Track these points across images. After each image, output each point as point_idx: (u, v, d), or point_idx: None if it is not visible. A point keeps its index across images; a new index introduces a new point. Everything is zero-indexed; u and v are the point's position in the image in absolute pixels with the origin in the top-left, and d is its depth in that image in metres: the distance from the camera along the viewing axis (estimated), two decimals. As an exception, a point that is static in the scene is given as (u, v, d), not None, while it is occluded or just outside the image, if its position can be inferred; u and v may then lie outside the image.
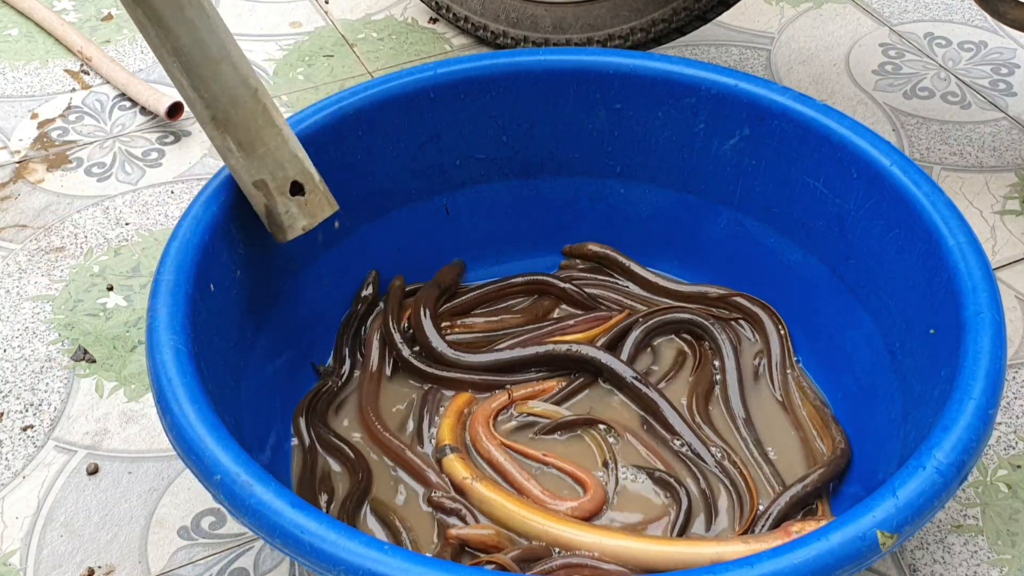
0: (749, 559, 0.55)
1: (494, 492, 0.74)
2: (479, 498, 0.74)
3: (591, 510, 0.74)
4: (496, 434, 0.80)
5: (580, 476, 0.77)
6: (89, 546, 0.78)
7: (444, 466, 0.77)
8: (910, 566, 0.77)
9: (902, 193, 0.76)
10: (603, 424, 0.81)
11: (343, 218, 0.86)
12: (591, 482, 0.76)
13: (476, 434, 0.80)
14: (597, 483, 0.76)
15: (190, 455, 0.61)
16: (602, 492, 0.76)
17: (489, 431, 0.80)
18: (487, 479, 0.76)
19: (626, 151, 0.90)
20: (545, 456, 0.78)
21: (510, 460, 0.78)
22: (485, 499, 0.74)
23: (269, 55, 1.27)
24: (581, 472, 0.77)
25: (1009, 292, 0.97)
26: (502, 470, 0.77)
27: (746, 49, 1.28)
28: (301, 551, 0.56)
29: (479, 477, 0.75)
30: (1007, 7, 1.00)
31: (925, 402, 0.69)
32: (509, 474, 0.77)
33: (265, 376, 0.79)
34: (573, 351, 0.84)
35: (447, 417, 0.81)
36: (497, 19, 1.24)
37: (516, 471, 0.77)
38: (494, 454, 0.78)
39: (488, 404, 0.82)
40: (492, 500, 0.74)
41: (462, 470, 0.76)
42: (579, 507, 0.74)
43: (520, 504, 0.73)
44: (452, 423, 0.80)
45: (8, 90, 1.21)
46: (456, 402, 0.82)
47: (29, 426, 0.86)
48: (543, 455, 0.78)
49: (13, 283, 0.98)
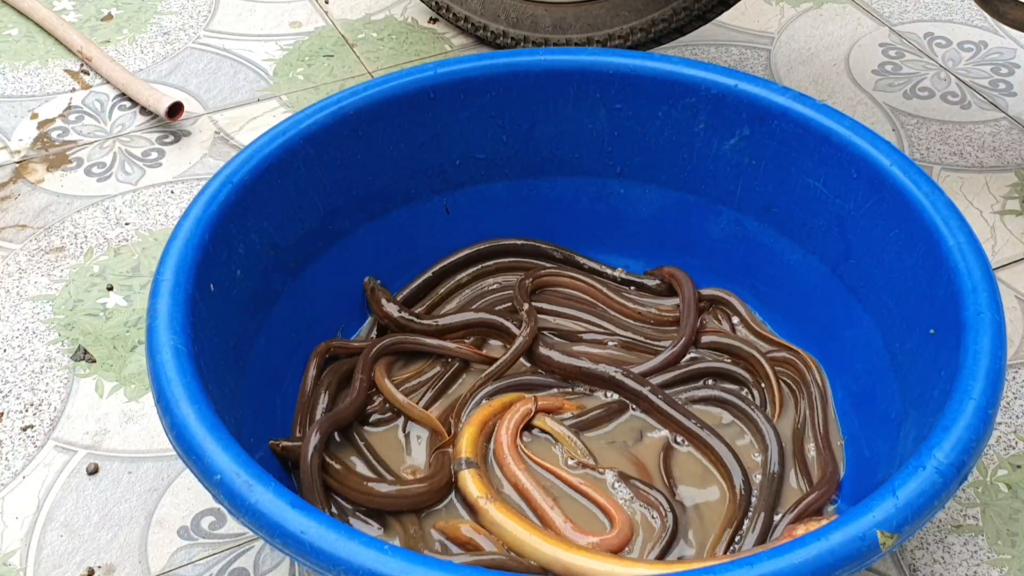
0: (749, 559, 0.55)
1: (507, 516, 0.71)
2: (491, 520, 0.71)
3: (616, 546, 0.71)
4: (523, 454, 0.77)
5: (608, 509, 0.74)
6: (89, 546, 0.78)
7: (459, 480, 0.74)
8: (910, 566, 0.77)
9: (902, 193, 0.76)
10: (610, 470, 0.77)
11: (343, 218, 0.86)
12: (619, 517, 0.73)
13: (502, 454, 0.77)
14: (626, 518, 0.73)
15: (190, 455, 0.61)
16: (629, 528, 0.73)
17: (516, 451, 0.77)
18: (501, 501, 0.73)
19: (626, 151, 0.90)
20: (580, 485, 0.76)
21: (535, 484, 0.75)
22: (497, 522, 0.71)
23: (269, 55, 1.27)
24: (610, 505, 0.74)
25: (1009, 292, 0.97)
26: (526, 495, 0.75)
27: (746, 49, 1.28)
28: (301, 551, 0.56)
29: (493, 498, 0.72)
30: (1007, 7, 1.00)
31: (925, 402, 0.69)
32: (532, 500, 0.74)
33: (265, 376, 0.79)
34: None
35: (469, 426, 0.78)
36: (497, 19, 1.24)
37: (540, 497, 0.74)
38: (520, 477, 0.75)
39: (513, 416, 0.79)
40: (504, 524, 0.70)
41: (476, 488, 0.73)
42: (603, 542, 0.71)
43: (533, 531, 0.69)
44: (474, 434, 0.77)
45: (8, 90, 1.21)
46: (481, 412, 0.79)
47: (29, 426, 0.86)
48: (578, 483, 0.76)
49: (13, 283, 0.98)
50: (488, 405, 0.80)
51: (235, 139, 1.14)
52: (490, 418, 0.79)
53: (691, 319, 0.87)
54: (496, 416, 0.80)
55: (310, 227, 0.84)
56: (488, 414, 0.80)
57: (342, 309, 0.88)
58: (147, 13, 1.33)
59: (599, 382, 0.83)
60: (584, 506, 0.76)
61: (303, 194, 0.83)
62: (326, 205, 0.85)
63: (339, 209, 0.86)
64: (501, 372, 0.83)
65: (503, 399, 0.81)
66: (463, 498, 0.74)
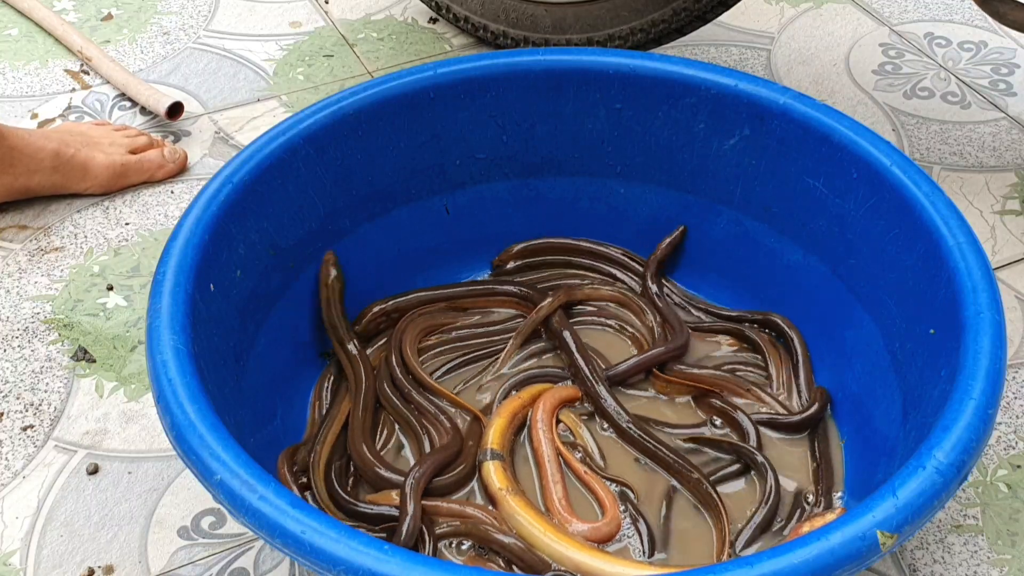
0: (749, 559, 0.55)
1: (524, 509, 0.73)
2: (509, 511, 0.73)
3: (607, 534, 0.73)
4: (556, 433, 0.79)
5: (603, 500, 0.76)
6: (89, 546, 0.78)
7: (482, 470, 0.76)
8: (910, 566, 0.77)
9: (902, 193, 0.76)
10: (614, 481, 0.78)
11: (343, 218, 0.86)
12: (611, 509, 0.75)
13: (536, 421, 0.79)
14: (617, 511, 0.75)
15: (190, 455, 0.61)
16: (617, 523, 0.74)
17: (551, 429, 0.79)
18: (521, 494, 0.74)
19: (626, 151, 0.90)
20: (585, 473, 0.77)
21: (554, 460, 0.77)
22: (514, 513, 0.73)
23: (269, 55, 1.27)
24: (606, 497, 0.76)
25: (1009, 292, 0.97)
26: (542, 465, 0.77)
27: (746, 49, 1.28)
28: (301, 551, 0.56)
29: (513, 491, 0.74)
30: (1007, 8, 1.00)
31: (925, 402, 0.69)
32: (544, 470, 0.77)
33: (265, 376, 0.79)
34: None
35: (499, 417, 0.79)
36: (497, 19, 1.24)
37: (551, 472, 0.76)
38: (544, 447, 0.78)
39: (559, 392, 0.82)
40: (521, 517, 0.72)
41: (499, 480, 0.75)
42: (595, 529, 0.73)
43: (547, 526, 0.71)
44: (503, 426, 0.79)
45: (8, 90, 1.21)
46: (511, 404, 0.81)
47: (29, 426, 0.86)
48: (584, 472, 0.77)
49: (13, 283, 0.98)
50: (518, 397, 0.82)
51: (235, 139, 1.14)
52: (519, 410, 0.81)
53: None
54: (526, 408, 0.81)
55: (310, 227, 0.84)
56: (518, 406, 0.81)
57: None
58: (147, 13, 1.33)
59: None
60: (582, 492, 0.77)
61: (303, 194, 0.83)
62: (326, 205, 0.85)
63: (339, 209, 0.86)
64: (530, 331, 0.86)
65: (531, 390, 0.83)
66: (485, 487, 0.76)
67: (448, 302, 0.89)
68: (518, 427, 0.81)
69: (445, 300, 0.89)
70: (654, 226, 0.93)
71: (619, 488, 0.77)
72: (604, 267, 0.93)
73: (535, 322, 0.87)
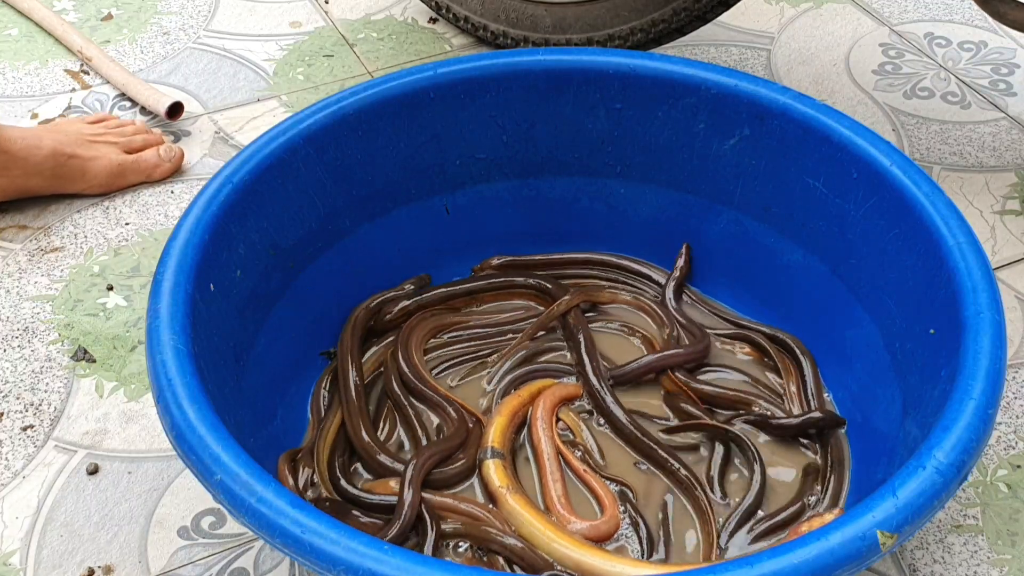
0: (748, 559, 0.55)
1: (524, 508, 0.73)
2: (509, 510, 0.73)
3: (605, 533, 0.73)
4: (556, 432, 0.79)
5: (603, 499, 0.76)
6: (89, 546, 0.78)
7: (482, 468, 0.76)
8: (910, 566, 0.77)
9: (902, 193, 0.76)
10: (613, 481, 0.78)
11: (343, 218, 0.86)
12: (610, 508, 0.75)
13: (536, 419, 0.79)
14: (616, 510, 0.75)
15: (190, 455, 0.61)
16: (618, 519, 0.75)
17: (551, 427, 0.79)
18: (521, 492, 0.74)
19: (626, 151, 0.90)
20: (584, 472, 0.77)
21: (554, 458, 0.77)
22: (515, 512, 0.73)
23: (269, 55, 1.27)
24: (606, 495, 0.76)
25: (1009, 292, 0.97)
26: (542, 463, 0.77)
27: (746, 49, 1.28)
28: (301, 551, 0.56)
29: (513, 489, 0.74)
30: (1007, 8, 1.00)
31: (925, 402, 0.69)
32: (544, 468, 0.77)
33: (265, 376, 0.79)
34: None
35: (499, 416, 0.80)
36: (497, 19, 1.24)
37: (551, 470, 0.77)
38: (543, 446, 0.78)
39: (559, 390, 0.82)
40: (521, 515, 0.72)
41: (499, 478, 0.75)
42: (594, 527, 0.73)
43: (547, 525, 0.71)
44: (504, 424, 0.79)
45: (8, 90, 1.21)
46: (511, 402, 0.81)
47: (29, 426, 0.86)
48: (583, 471, 0.77)
49: (13, 283, 0.98)
50: (517, 395, 0.82)
51: (235, 139, 1.14)
52: (519, 408, 0.81)
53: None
54: (526, 407, 0.82)
55: (310, 227, 0.84)
56: (518, 404, 0.81)
57: (342, 309, 0.88)
58: (147, 13, 1.33)
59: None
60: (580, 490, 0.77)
61: (303, 194, 0.83)
62: (326, 205, 0.85)
63: (339, 209, 0.86)
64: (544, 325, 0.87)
65: (531, 387, 0.83)
66: (485, 485, 0.76)
67: (468, 297, 0.90)
68: (519, 425, 0.81)
69: (465, 295, 0.90)
70: (654, 226, 0.93)
71: (618, 488, 0.77)
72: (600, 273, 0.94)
73: (553, 316, 0.87)
